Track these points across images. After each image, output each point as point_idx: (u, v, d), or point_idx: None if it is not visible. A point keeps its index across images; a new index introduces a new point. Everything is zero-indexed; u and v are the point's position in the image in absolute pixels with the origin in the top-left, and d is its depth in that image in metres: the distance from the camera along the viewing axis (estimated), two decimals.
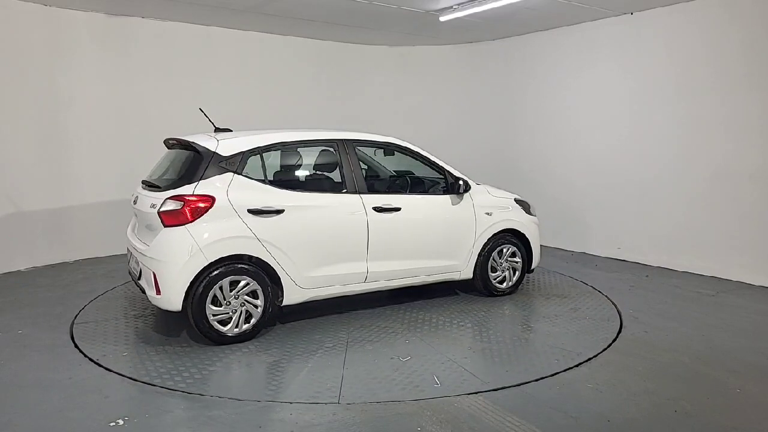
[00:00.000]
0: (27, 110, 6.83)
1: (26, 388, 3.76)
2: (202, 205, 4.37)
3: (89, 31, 7.21)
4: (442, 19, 7.26)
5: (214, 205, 4.40)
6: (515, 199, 6.03)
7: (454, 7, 6.87)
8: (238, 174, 4.59)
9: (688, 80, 6.72)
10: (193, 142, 4.72)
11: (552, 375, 3.98)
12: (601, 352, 4.42)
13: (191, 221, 4.33)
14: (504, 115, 9.03)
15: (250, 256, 4.53)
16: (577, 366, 4.14)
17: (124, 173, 7.52)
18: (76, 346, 4.49)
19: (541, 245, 6.17)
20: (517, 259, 5.93)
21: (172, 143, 5.17)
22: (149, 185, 4.90)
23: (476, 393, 3.70)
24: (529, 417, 3.39)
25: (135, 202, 4.92)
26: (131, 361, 4.21)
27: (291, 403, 3.58)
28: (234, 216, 4.46)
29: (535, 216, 6.13)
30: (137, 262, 4.68)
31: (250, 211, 4.52)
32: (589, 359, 4.26)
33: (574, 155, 8.06)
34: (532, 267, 6.08)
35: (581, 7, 6.91)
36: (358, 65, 9.44)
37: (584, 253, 7.96)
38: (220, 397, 3.64)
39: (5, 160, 6.71)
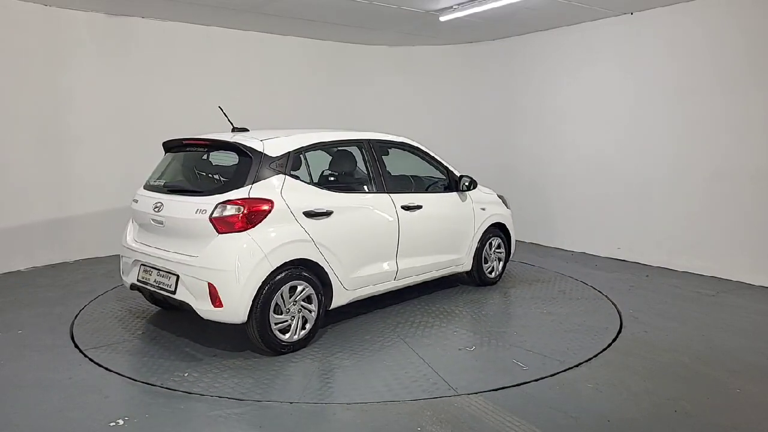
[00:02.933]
0: (27, 110, 6.83)
1: (26, 388, 3.76)
2: (263, 208, 4.17)
3: (89, 31, 7.21)
4: (442, 19, 7.26)
5: (274, 208, 4.22)
6: (497, 195, 6.47)
7: (454, 7, 6.87)
8: (287, 175, 4.42)
9: (688, 80, 6.72)
10: (238, 143, 4.42)
11: (552, 375, 3.98)
12: (601, 352, 4.42)
13: (252, 226, 4.11)
14: (504, 115, 9.03)
15: (307, 260, 4.38)
16: (577, 366, 4.14)
17: (124, 173, 7.52)
18: (76, 346, 4.49)
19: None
20: (501, 250, 6.40)
21: (185, 143, 4.82)
22: (176, 190, 4.55)
23: (476, 393, 3.70)
24: (529, 417, 3.39)
25: (157, 209, 4.44)
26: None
27: (406, 401, 3.60)
28: (292, 219, 4.32)
29: (510, 209, 6.55)
30: (166, 275, 4.34)
31: (305, 213, 4.40)
32: (589, 359, 4.26)
33: (573, 155, 8.05)
34: (510, 257, 6.59)
35: (581, 7, 6.91)
36: (358, 65, 9.44)
37: (584, 253, 7.96)
38: (232, 399, 3.65)
39: (5, 159, 6.71)
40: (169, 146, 5.01)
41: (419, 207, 5.31)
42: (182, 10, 7.14)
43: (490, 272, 6.24)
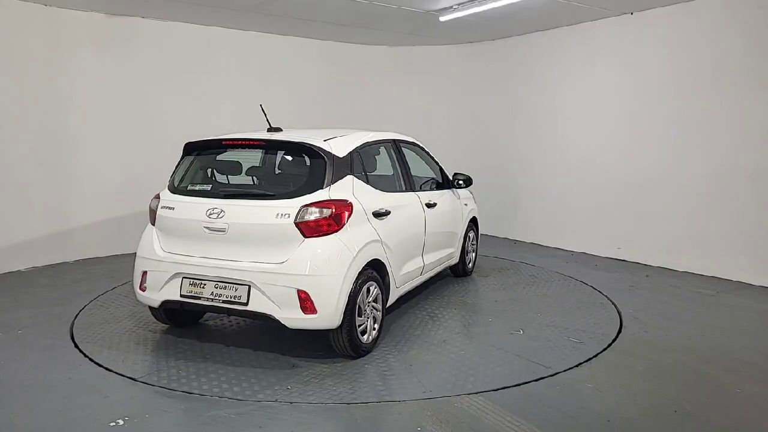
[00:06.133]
0: (27, 110, 6.82)
1: (26, 388, 3.76)
2: (347, 210, 4.10)
3: (89, 31, 7.20)
4: (442, 19, 7.26)
5: (354, 210, 4.17)
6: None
7: (454, 7, 6.86)
8: (354, 176, 4.38)
9: (688, 80, 6.71)
10: (307, 144, 4.27)
11: (552, 375, 3.98)
12: (601, 352, 4.42)
13: (338, 229, 4.02)
14: (504, 115, 9.02)
15: (377, 260, 4.35)
16: (577, 366, 4.14)
17: (124, 173, 7.53)
18: (76, 346, 4.48)
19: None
20: (474, 242, 6.78)
21: (225, 144, 4.57)
22: (236, 195, 4.26)
23: (476, 393, 3.70)
24: (529, 417, 3.39)
25: (216, 215, 4.08)
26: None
27: (519, 385, 3.79)
28: (365, 220, 4.30)
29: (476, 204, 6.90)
30: (231, 286, 4.03)
31: (374, 213, 4.41)
32: (589, 359, 4.27)
33: (573, 155, 8.05)
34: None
35: (581, 7, 6.91)
36: (358, 65, 9.44)
37: (584, 253, 7.96)
38: (233, 399, 3.65)
39: (5, 159, 6.70)
40: (199, 147, 4.63)
41: (435, 204, 5.51)
42: (182, 10, 7.13)
43: (468, 263, 6.63)
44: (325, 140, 4.35)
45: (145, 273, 4.36)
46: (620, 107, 7.44)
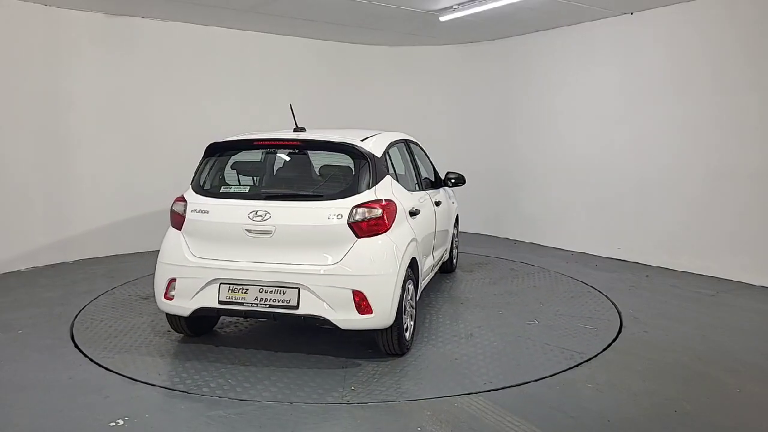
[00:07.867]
0: (27, 110, 6.82)
1: (26, 388, 3.76)
2: (394, 210, 4.13)
3: (89, 31, 7.20)
4: (442, 19, 7.26)
5: (398, 209, 4.20)
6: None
7: (454, 7, 6.86)
8: (390, 175, 4.42)
9: (687, 80, 6.71)
10: (348, 143, 4.27)
11: (552, 375, 3.98)
12: (601, 352, 4.42)
13: (388, 228, 4.02)
14: (504, 115, 9.02)
15: (413, 259, 4.39)
16: (577, 366, 4.14)
17: (124, 173, 7.53)
18: (76, 346, 4.48)
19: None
20: (457, 238, 6.86)
21: (256, 144, 4.53)
22: (281, 196, 4.16)
23: (476, 393, 3.70)
24: (529, 417, 3.39)
25: (260, 218, 3.94)
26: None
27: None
28: (404, 219, 4.33)
29: None
30: (279, 290, 3.91)
31: (409, 213, 4.48)
32: (590, 359, 4.26)
33: (573, 155, 8.05)
34: None
35: (581, 7, 6.91)
36: (358, 65, 9.43)
37: (584, 253, 7.96)
38: (232, 399, 3.65)
39: (5, 160, 6.70)
40: (227, 147, 4.51)
41: (440, 203, 5.68)
42: (182, 10, 7.13)
43: (454, 259, 6.74)
44: (362, 140, 4.36)
45: (172, 281, 4.11)
46: (620, 107, 7.44)
